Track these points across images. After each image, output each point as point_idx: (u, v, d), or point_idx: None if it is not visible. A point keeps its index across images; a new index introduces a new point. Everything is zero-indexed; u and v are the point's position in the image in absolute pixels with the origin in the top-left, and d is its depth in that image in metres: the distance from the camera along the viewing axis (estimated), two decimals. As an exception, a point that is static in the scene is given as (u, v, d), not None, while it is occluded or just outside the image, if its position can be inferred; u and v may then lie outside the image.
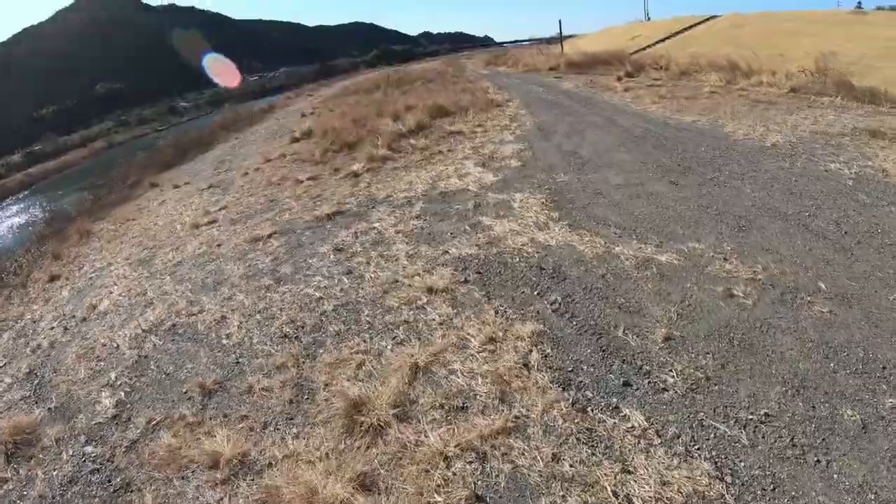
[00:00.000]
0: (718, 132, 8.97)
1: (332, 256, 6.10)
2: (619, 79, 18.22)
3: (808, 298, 3.98)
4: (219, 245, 7.55)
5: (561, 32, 35.32)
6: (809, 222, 5.20)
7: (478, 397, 3.45)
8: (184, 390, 4.20)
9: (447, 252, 5.59)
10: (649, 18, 49.26)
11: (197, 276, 6.51)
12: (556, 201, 6.71)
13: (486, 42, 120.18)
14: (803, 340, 3.56)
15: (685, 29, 34.80)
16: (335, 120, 15.88)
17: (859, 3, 42.60)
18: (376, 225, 6.86)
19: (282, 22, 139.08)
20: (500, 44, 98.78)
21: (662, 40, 33.96)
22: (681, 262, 4.74)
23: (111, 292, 6.86)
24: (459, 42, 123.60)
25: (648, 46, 33.19)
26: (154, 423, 3.93)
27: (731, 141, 8.36)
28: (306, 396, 3.78)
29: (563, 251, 5.25)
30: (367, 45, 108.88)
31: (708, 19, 35.32)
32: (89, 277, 7.83)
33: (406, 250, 5.85)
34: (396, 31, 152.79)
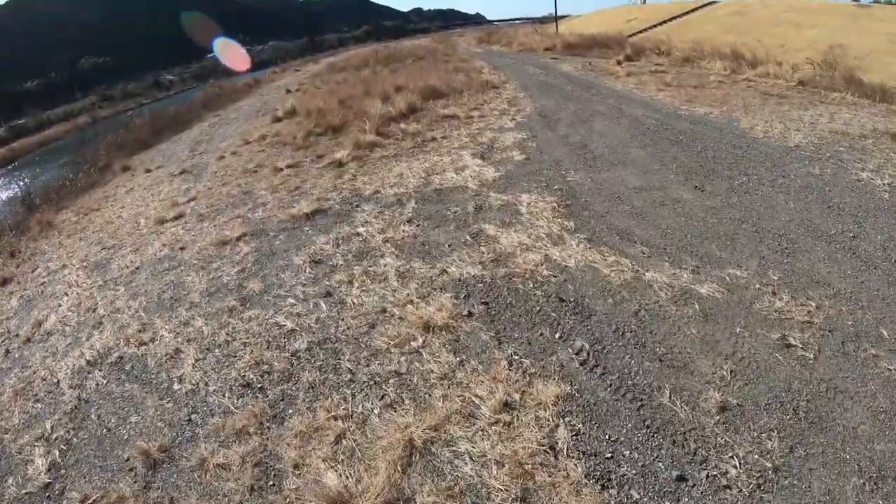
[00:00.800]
0: (735, 127, 8.13)
1: (308, 271, 5.16)
2: (620, 63, 17.23)
3: (872, 351, 3.23)
4: (182, 248, 6.57)
5: (556, 12, 34.03)
6: (855, 245, 4.41)
7: (492, 497, 2.58)
8: (125, 457, 3.31)
9: (445, 271, 4.67)
10: (644, 1, 48.03)
11: (154, 289, 5.55)
12: (569, 206, 5.80)
13: (477, 20, 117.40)
14: (875, 411, 2.82)
15: (683, 14, 33.71)
16: (321, 99, 14.75)
17: None
18: (361, 230, 5.91)
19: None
20: (492, 22, 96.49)
21: (660, 24, 32.85)
22: (724, 295, 3.88)
23: (60, 305, 5.88)
24: (451, 19, 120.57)
25: (645, 30, 32.10)
26: (89, 502, 3.04)
27: (751, 139, 7.52)
28: (272, 482, 2.88)
29: (585, 276, 4.35)
30: (358, 20, 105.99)
31: (706, 5, 34.22)
32: (41, 283, 6.82)
33: (396, 266, 4.92)
34: (387, 7, 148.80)
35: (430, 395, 3.24)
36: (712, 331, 3.53)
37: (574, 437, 2.83)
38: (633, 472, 2.64)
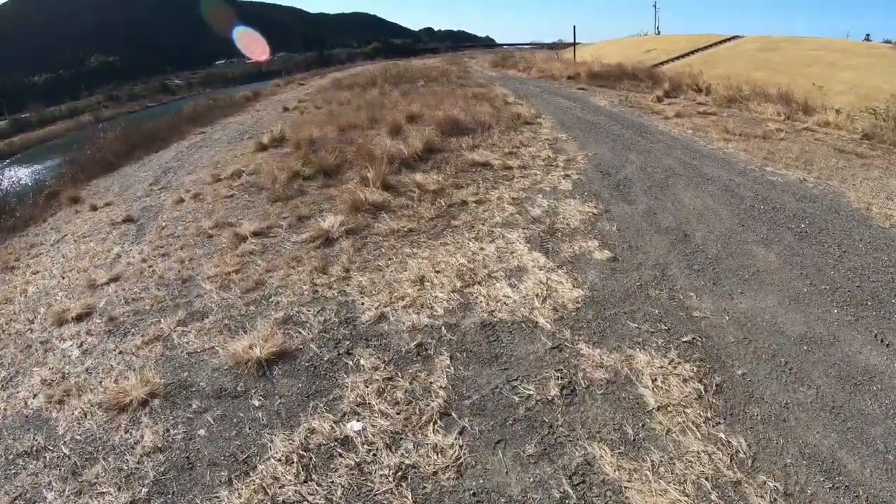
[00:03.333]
0: (848, 207, 5.96)
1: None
2: (660, 99, 14.74)
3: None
4: (60, 402, 3.63)
5: (575, 40, 31.38)
6: None
7: None
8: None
9: None
10: (659, 32, 45.64)
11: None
12: (720, 389, 3.13)
13: (487, 43, 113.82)
14: None
15: (707, 46, 31.23)
16: (317, 125, 11.83)
17: (868, 35, 39.54)
18: (353, 430, 2.96)
19: (284, 6, 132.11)
20: (501, 45, 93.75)
21: (682, 56, 30.37)
22: None
23: None
24: (460, 41, 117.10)
25: (667, 61, 29.61)
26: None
27: (878, 228, 5.33)
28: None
29: None
30: (367, 36, 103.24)
31: (730, 39, 31.78)
32: None
33: None
34: (397, 25, 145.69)
35: None
36: None
37: None
38: None
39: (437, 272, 4.64)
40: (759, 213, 5.83)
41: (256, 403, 3.28)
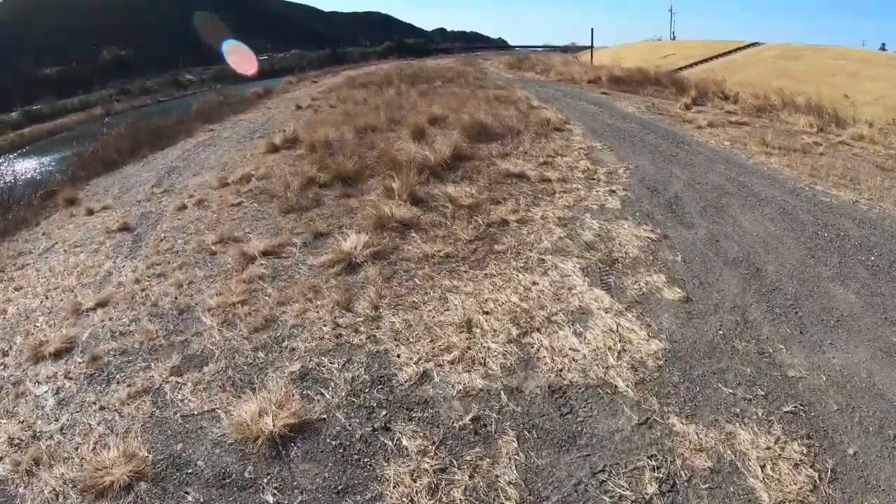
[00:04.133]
0: None
1: None
2: (688, 107, 13.83)
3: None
4: (29, 473, 2.92)
5: (592, 43, 30.44)
6: None
7: None
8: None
9: None
10: (675, 37, 44.59)
11: None
12: (836, 477, 2.58)
13: (499, 44, 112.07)
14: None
15: (725, 53, 30.28)
16: (333, 125, 11.01)
17: (883, 44, 38.40)
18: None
19: (297, 3, 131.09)
20: (513, 47, 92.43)
21: (700, 62, 29.43)
22: None
23: None
24: (473, 42, 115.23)
25: (686, 67, 28.68)
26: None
27: None
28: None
29: None
30: (380, 35, 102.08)
31: (749, 46, 30.81)
32: None
33: None
34: (410, 25, 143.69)
35: None
36: None
37: None
38: None
39: (486, 313, 3.81)
40: (824, 241, 5.16)
41: (270, 500, 2.45)
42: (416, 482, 2.49)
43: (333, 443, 2.77)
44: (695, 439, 2.73)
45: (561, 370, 3.21)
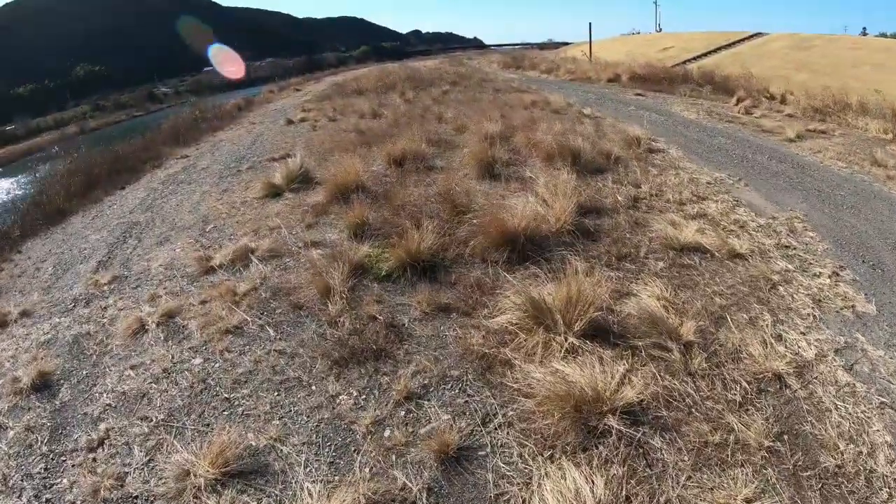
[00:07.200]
0: None
1: None
2: (747, 111, 11.37)
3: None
4: None
5: (591, 38, 27.26)
6: None
7: None
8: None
9: None
10: (660, 30, 41.72)
11: None
12: None
13: (477, 44, 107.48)
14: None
15: (728, 45, 27.42)
16: (347, 147, 7.67)
17: (864, 29, 36.23)
18: None
19: (270, 11, 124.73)
20: (489, 47, 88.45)
21: (704, 55, 26.52)
22: None
23: None
24: (449, 43, 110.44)
25: (690, 60, 25.73)
26: None
27: None
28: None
29: None
30: (356, 40, 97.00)
31: (752, 36, 27.99)
32: None
33: None
34: (385, 28, 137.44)
35: None
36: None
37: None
38: None
39: None
40: None
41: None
42: None
43: None
44: None
45: None
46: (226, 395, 2.95)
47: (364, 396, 2.80)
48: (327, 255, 4.13)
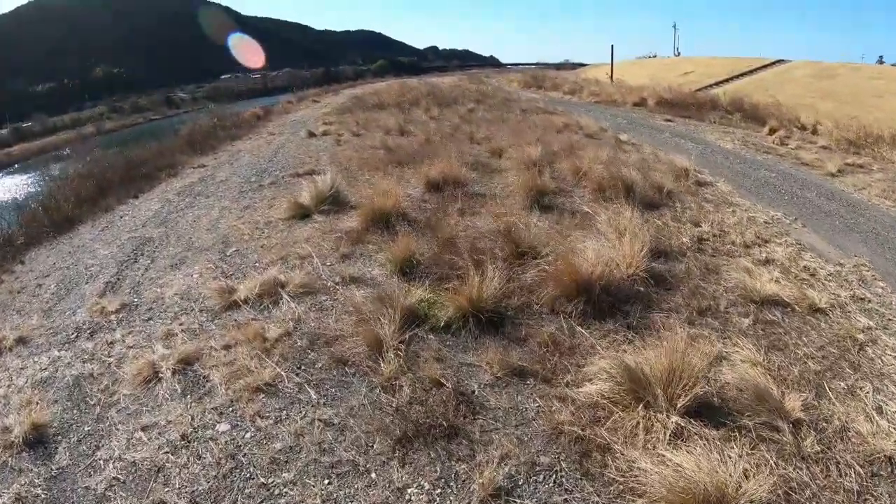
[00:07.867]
0: None
1: None
2: (783, 141, 10.86)
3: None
4: None
5: (612, 60, 26.88)
6: None
7: None
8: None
9: None
10: (678, 53, 41.51)
11: None
12: None
13: (493, 63, 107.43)
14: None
15: (751, 71, 26.99)
16: (377, 166, 7.13)
17: (881, 57, 35.67)
18: None
19: (289, 22, 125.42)
20: (506, 65, 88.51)
21: (726, 81, 26.08)
22: None
23: None
24: (466, 60, 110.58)
25: (712, 86, 25.27)
26: None
27: None
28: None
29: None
30: (373, 53, 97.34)
31: (774, 63, 27.58)
32: None
33: None
34: (403, 43, 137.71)
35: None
36: None
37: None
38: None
39: None
40: None
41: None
42: None
43: None
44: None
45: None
46: (262, 480, 2.34)
47: (440, 490, 2.20)
48: (372, 297, 3.53)
